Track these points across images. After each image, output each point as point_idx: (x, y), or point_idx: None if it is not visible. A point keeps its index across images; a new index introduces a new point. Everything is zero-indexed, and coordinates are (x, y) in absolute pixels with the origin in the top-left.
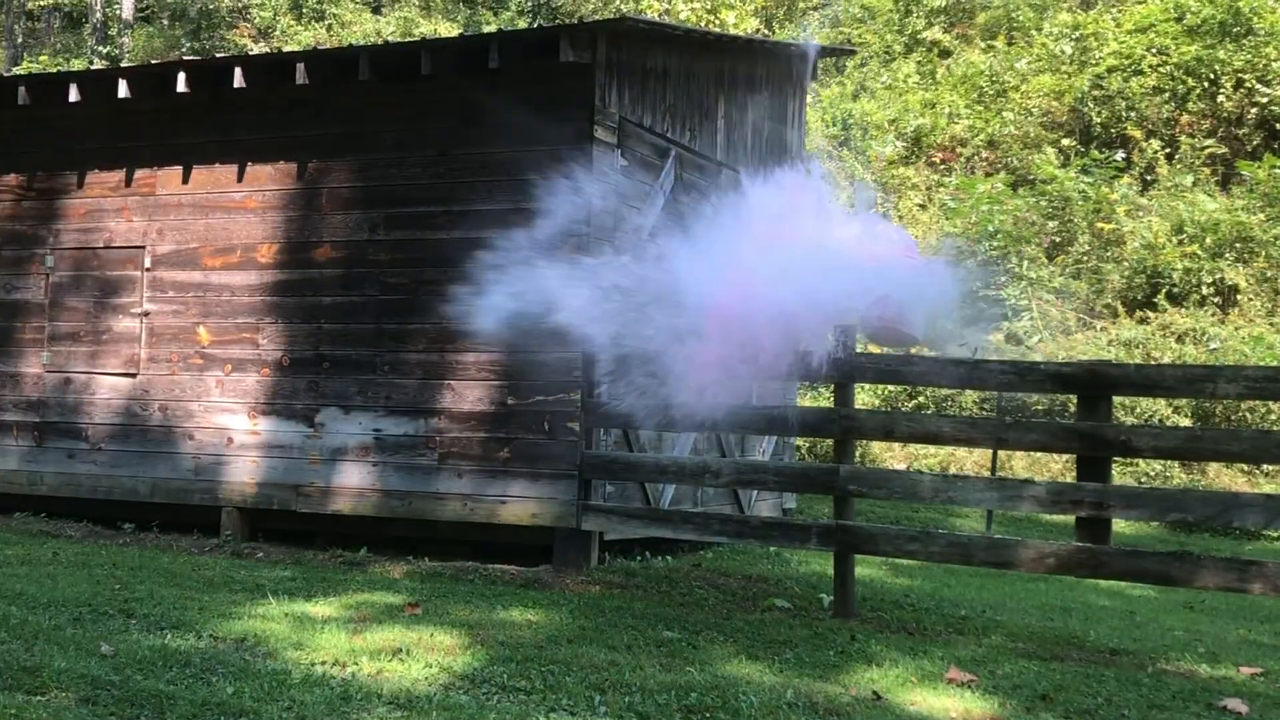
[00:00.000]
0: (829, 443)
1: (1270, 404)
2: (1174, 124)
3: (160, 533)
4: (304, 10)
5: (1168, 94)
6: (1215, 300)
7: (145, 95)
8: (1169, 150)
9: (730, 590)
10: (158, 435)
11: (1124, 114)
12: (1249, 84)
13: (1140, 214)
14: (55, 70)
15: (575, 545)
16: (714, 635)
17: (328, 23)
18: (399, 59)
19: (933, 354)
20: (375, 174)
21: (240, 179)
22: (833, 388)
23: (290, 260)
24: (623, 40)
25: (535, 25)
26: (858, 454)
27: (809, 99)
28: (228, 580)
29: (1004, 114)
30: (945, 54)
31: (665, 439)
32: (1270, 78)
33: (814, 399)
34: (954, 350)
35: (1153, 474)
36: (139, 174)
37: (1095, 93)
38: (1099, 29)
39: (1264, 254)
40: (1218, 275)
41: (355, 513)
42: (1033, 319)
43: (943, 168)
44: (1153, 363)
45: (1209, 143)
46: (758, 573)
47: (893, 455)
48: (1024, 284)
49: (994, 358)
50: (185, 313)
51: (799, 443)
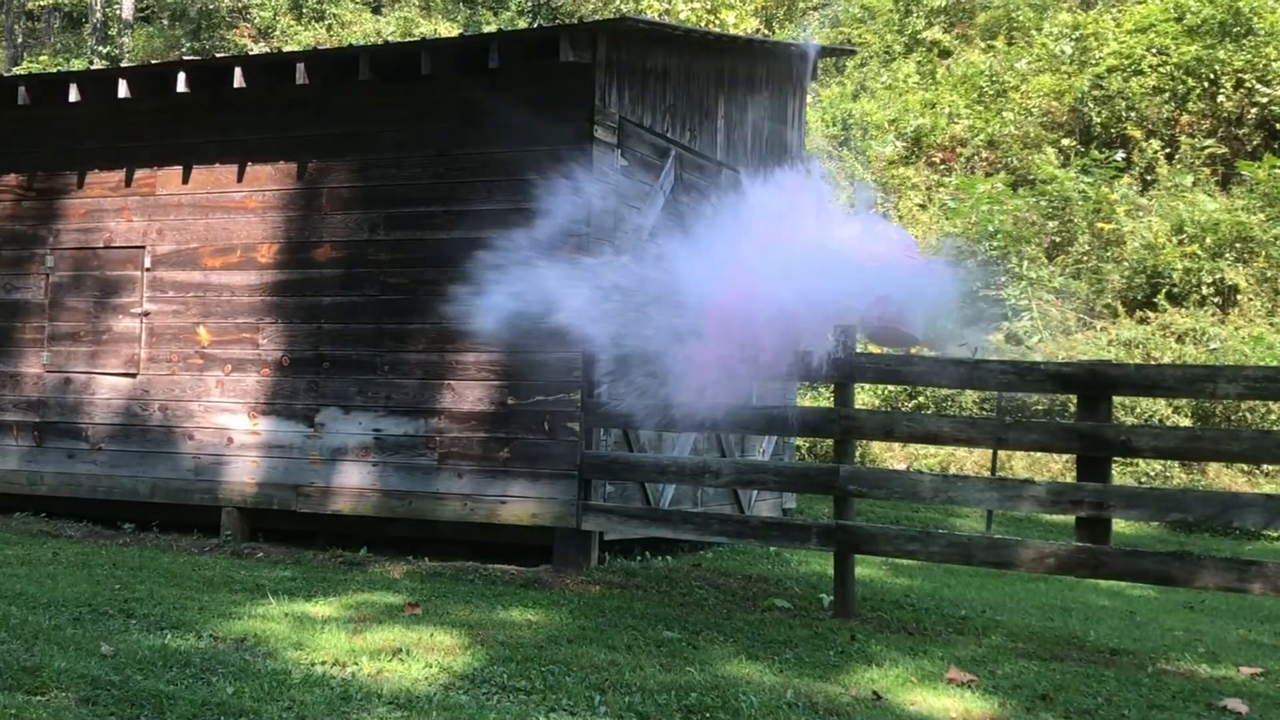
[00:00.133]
0: (829, 443)
1: (1270, 404)
2: (1174, 124)
3: (160, 533)
4: (304, 10)
5: (1168, 94)
6: (1215, 300)
7: (145, 95)
8: (1169, 150)
9: (730, 590)
10: (158, 435)
11: (1124, 114)
12: (1249, 84)
13: (1140, 214)
14: (55, 70)
15: (575, 545)
16: (714, 635)
17: (328, 23)
18: (399, 59)
19: (933, 354)
20: (375, 174)
21: (240, 179)
22: (833, 388)
23: (290, 260)
24: (623, 40)
25: (535, 25)
26: (858, 454)
27: (809, 99)
28: (228, 580)
29: (1004, 114)
30: (945, 54)
31: (665, 439)
32: (1270, 78)
33: (814, 399)
34: (954, 350)
35: (1153, 474)
36: (139, 174)
37: (1095, 93)
38: (1099, 29)
39: (1264, 254)
40: (1218, 275)
41: (355, 513)
42: (1033, 319)
43: (943, 168)
44: (1153, 363)
45: (1209, 143)
46: (758, 573)
47: (893, 455)
48: (1024, 284)
49: (994, 358)
50: (185, 313)
51: (799, 443)
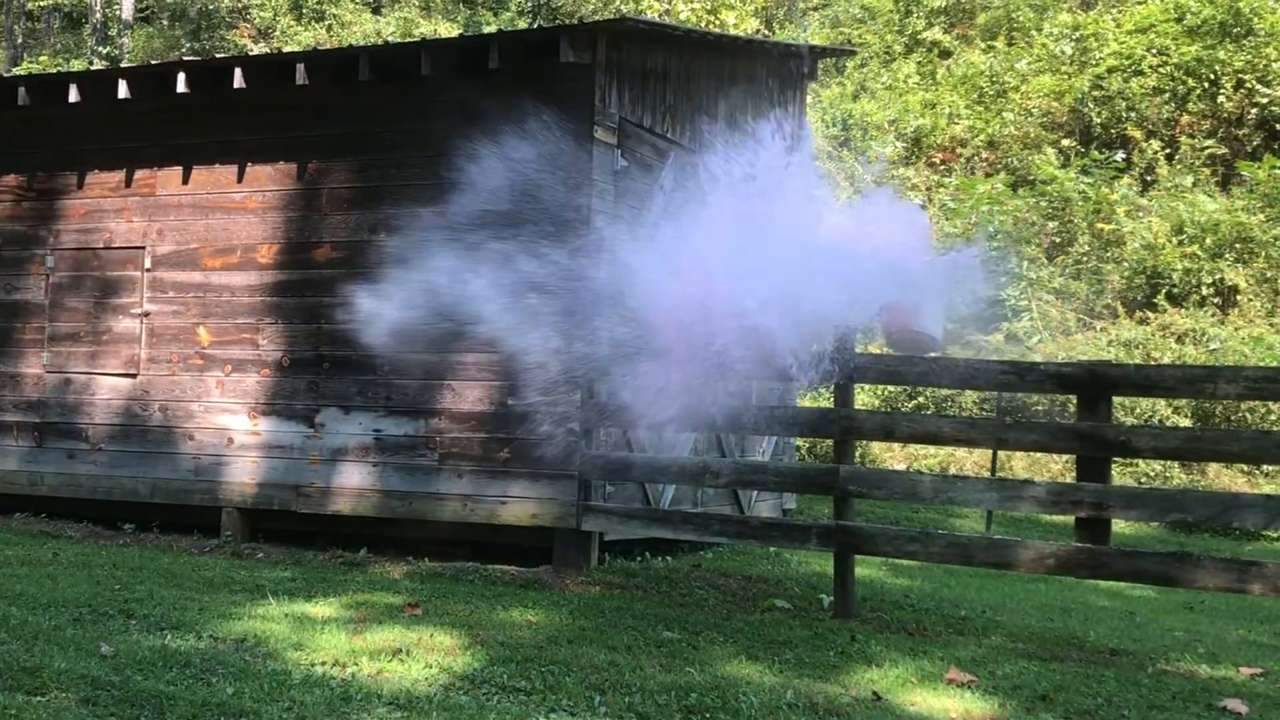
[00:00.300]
0: (829, 443)
1: (1270, 404)
2: (1174, 124)
3: (160, 533)
4: (304, 11)
5: (1168, 94)
6: (1215, 301)
7: (145, 96)
8: (1169, 151)
9: (730, 591)
10: (158, 436)
11: (1124, 114)
12: (1249, 84)
13: (1140, 214)
14: (55, 71)
15: (575, 546)
16: (714, 636)
17: (328, 23)
18: (399, 59)
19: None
20: (375, 174)
21: (240, 179)
22: (833, 388)
23: (290, 261)
24: (623, 41)
25: (535, 26)
26: (858, 454)
27: (809, 99)
28: (228, 581)
29: (1004, 114)
30: (945, 54)
31: (665, 439)
32: (1270, 78)
33: (814, 399)
34: (956, 350)
35: (1152, 474)
36: (139, 174)
37: (1095, 93)
38: (1099, 29)
39: (1264, 254)
40: (1217, 276)
41: (355, 513)
42: (1033, 319)
43: (943, 168)
44: (1153, 363)
45: (1209, 143)
46: (758, 573)
47: (893, 455)
48: (1024, 284)
49: (994, 358)
50: (185, 313)
51: (799, 443)
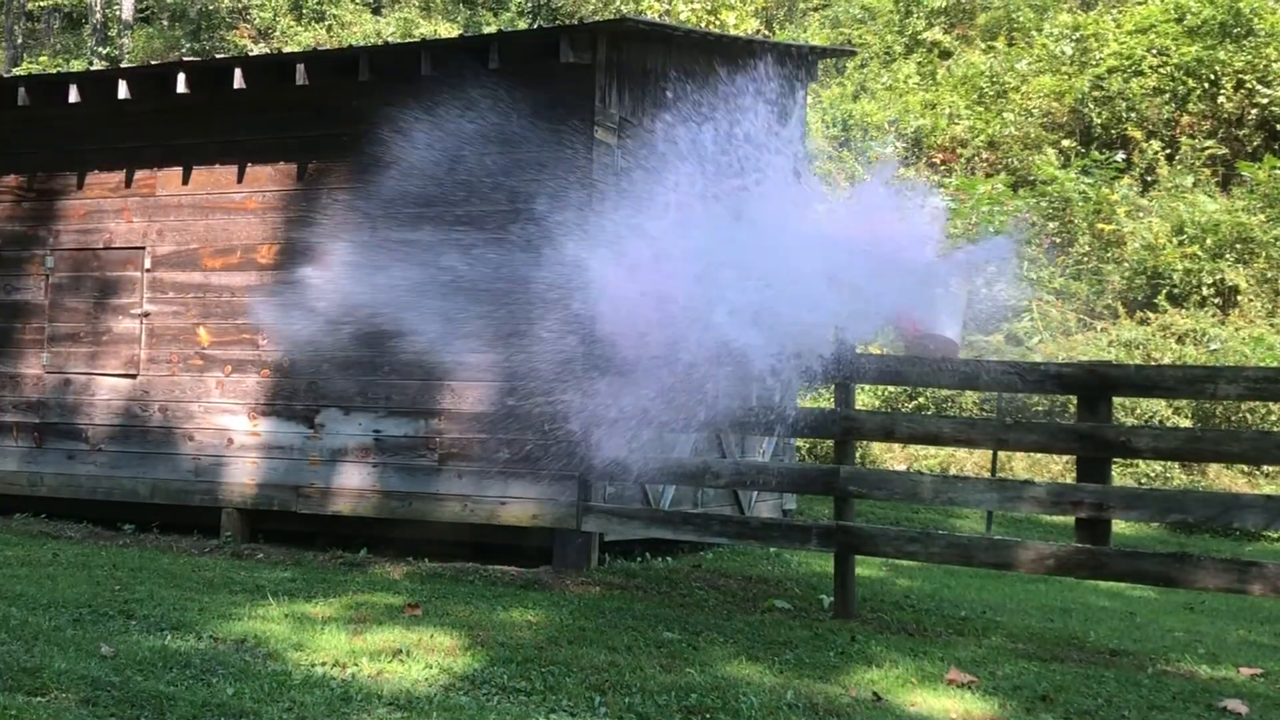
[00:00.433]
0: (829, 443)
1: (1270, 405)
2: (1174, 125)
3: (160, 534)
4: (304, 11)
5: (1168, 95)
6: (1215, 301)
7: (145, 96)
8: (1169, 151)
9: (730, 591)
10: (158, 436)
11: (1124, 115)
12: (1249, 85)
13: (1140, 215)
14: (55, 71)
15: (575, 546)
16: (714, 636)
17: (328, 23)
18: (399, 60)
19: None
20: (375, 175)
21: (240, 180)
22: (833, 388)
23: (290, 261)
24: (623, 41)
25: (535, 26)
26: (858, 455)
27: (809, 99)
28: (228, 581)
29: (1004, 115)
30: (945, 55)
31: (665, 439)
32: (1271, 78)
33: (814, 399)
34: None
35: (1153, 475)
36: (139, 175)
37: (1095, 93)
38: (1099, 30)
39: (1264, 255)
40: (1218, 276)
41: (355, 514)
42: (1033, 320)
43: (943, 169)
44: (1153, 363)
45: (1209, 143)
46: (758, 573)
47: (893, 456)
48: (1024, 285)
49: (994, 358)
50: (185, 313)
51: (799, 443)
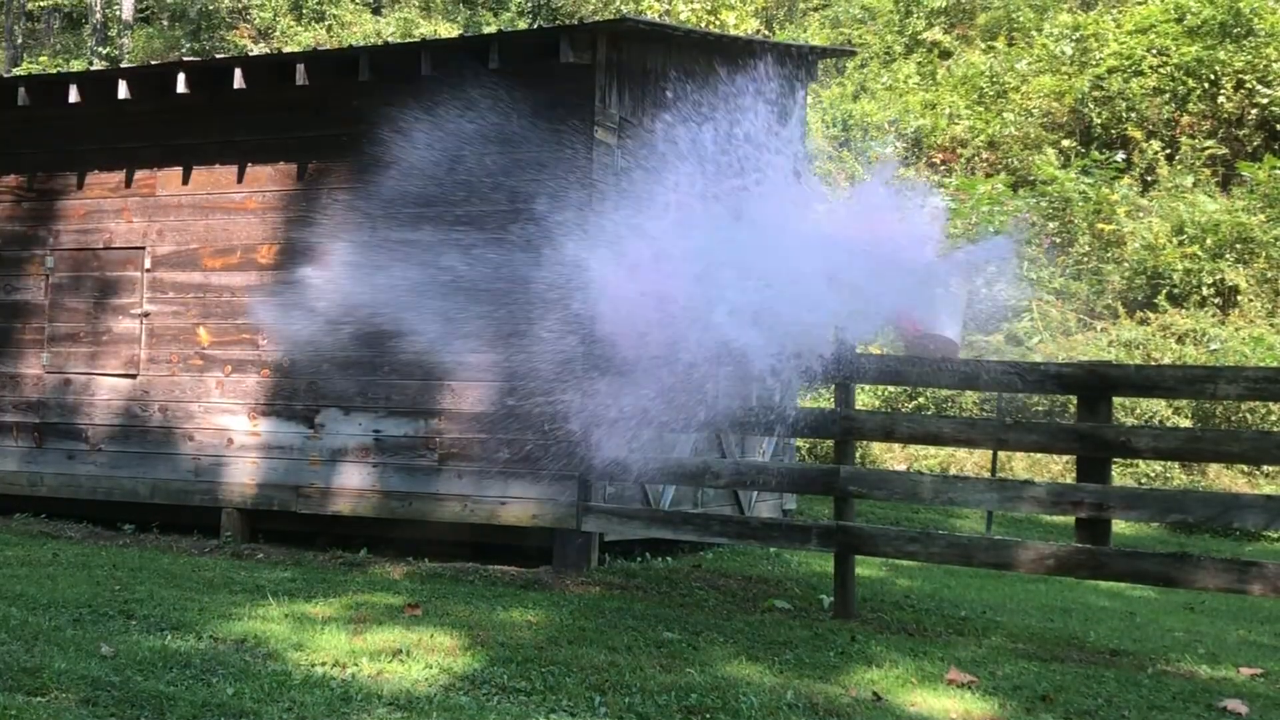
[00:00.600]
0: (829, 443)
1: (1270, 405)
2: (1174, 125)
3: (160, 534)
4: (304, 11)
5: (1168, 95)
6: (1215, 301)
7: (145, 96)
8: (1169, 151)
9: (730, 591)
10: (158, 436)
11: (1124, 115)
12: (1249, 85)
13: (1140, 215)
14: (55, 71)
15: (575, 546)
16: (714, 636)
17: (328, 24)
18: (399, 60)
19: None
20: (375, 175)
21: (240, 180)
22: (833, 388)
23: (290, 261)
24: (623, 41)
25: (535, 26)
26: (858, 455)
27: (809, 99)
28: (228, 581)
29: (1004, 115)
30: (945, 55)
31: (665, 439)
32: (1271, 78)
33: (814, 399)
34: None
35: (1153, 475)
36: (139, 175)
37: (1095, 93)
38: (1099, 30)
39: (1264, 255)
40: (1218, 276)
41: (355, 513)
42: (1033, 320)
43: (943, 169)
44: (1153, 363)
45: (1209, 143)
46: (758, 573)
47: (893, 456)
48: (1024, 285)
49: (994, 358)
50: (185, 313)
51: (799, 443)
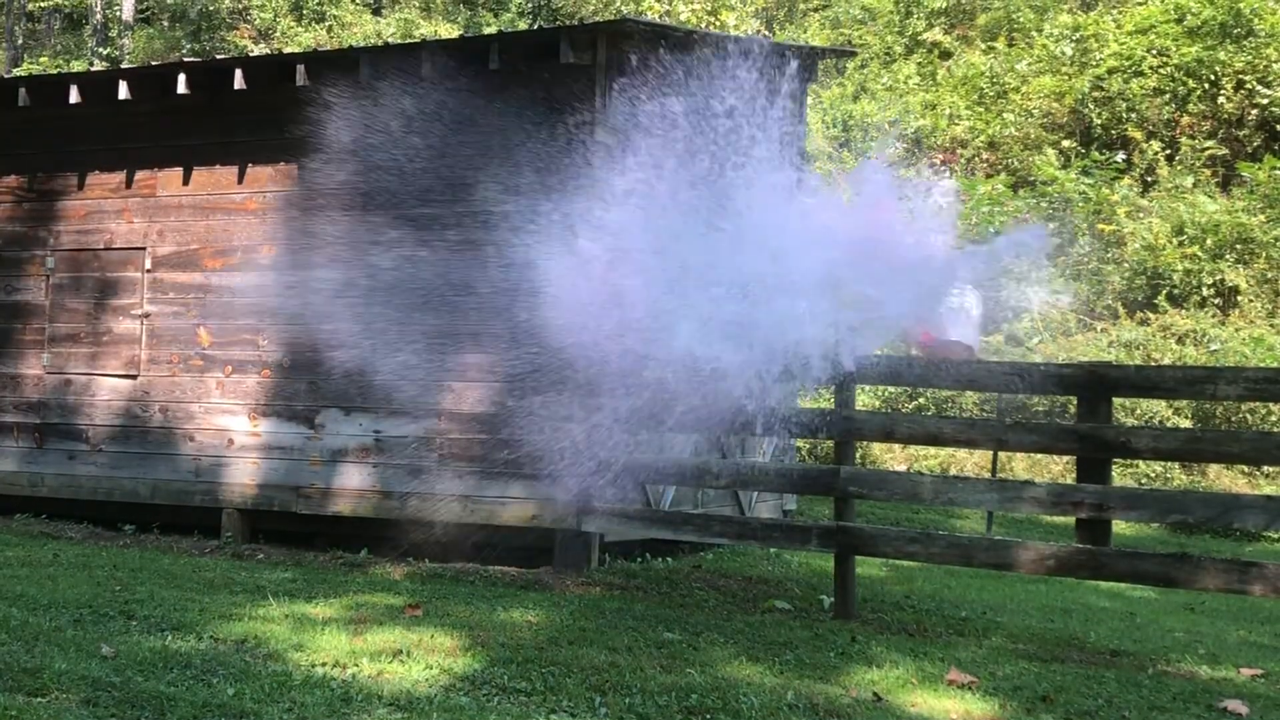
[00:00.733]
0: (830, 444)
1: (1270, 405)
2: (1174, 125)
3: (161, 534)
4: (304, 12)
5: (1168, 95)
6: (1215, 302)
7: (146, 97)
8: (1169, 151)
9: (731, 591)
10: (158, 437)
11: (1124, 115)
12: (1249, 85)
13: (1141, 215)
14: (55, 72)
15: (575, 546)
16: (714, 636)
17: (328, 24)
18: (399, 60)
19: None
20: (375, 176)
21: (240, 180)
22: (833, 389)
23: (291, 261)
24: (623, 41)
25: (535, 27)
26: (858, 455)
27: (809, 100)
28: (228, 582)
29: (1004, 115)
30: (946, 55)
31: (665, 439)
32: (1271, 79)
33: (815, 400)
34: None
35: (1153, 475)
36: (139, 175)
37: (1096, 94)
38: (1099, 30)
39: (1264, 255)
40: (1218, 277)
41: (355, 514)
42: (1033, 320)
43: (943, 169)
44: (1153, 364)
45: (1209, 144)
46: (758, 574)
47: (893, 456)
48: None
49: (994, 359)
50: (186, 314)
51: (799, 444)
